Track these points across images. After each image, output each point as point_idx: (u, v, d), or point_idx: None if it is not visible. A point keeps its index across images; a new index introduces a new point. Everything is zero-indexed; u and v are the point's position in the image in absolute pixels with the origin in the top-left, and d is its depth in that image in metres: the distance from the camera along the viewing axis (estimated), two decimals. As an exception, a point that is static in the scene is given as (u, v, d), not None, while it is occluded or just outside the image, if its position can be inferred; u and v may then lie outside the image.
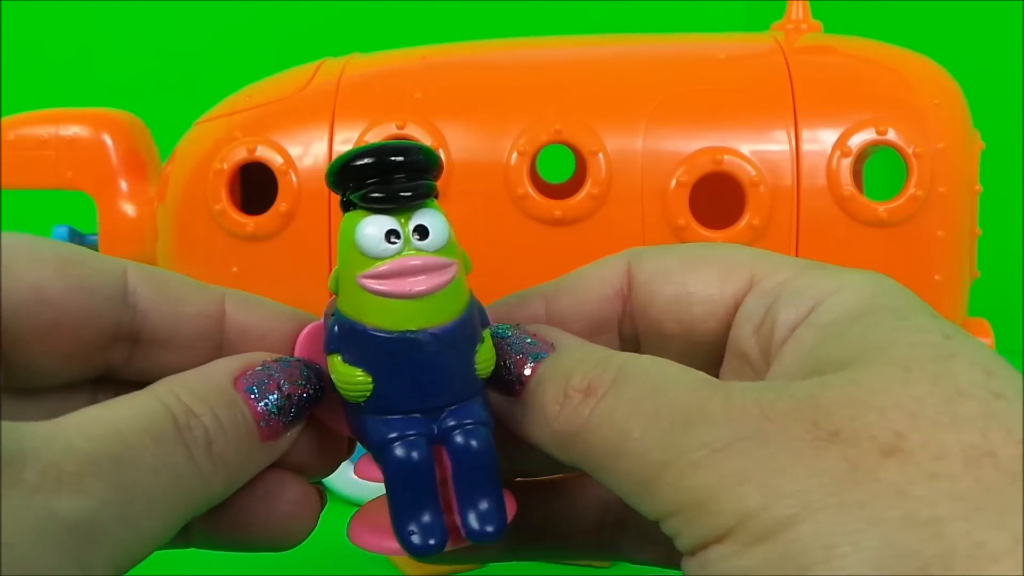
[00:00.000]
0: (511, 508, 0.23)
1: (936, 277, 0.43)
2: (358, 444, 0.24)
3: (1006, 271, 0.77)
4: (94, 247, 0.50)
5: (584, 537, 0.27)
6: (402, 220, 0.21)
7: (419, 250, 0.21)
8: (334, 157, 0.43)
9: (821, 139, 0.42)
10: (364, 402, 0.22)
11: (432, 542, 0.22)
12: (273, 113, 0.45)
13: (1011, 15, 0.75)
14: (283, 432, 0.22)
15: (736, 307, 0.24)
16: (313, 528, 0.24)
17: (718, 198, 0.44)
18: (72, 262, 0.22)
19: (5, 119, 0.49)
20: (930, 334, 0.19)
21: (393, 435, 0.21)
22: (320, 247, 0.43)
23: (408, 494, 0.22)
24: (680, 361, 0.22)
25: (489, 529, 0.22)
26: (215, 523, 0.23)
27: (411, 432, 0.21)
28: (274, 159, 0.43)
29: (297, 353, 0.24)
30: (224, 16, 0.82)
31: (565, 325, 0.25)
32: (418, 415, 0.22)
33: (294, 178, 0.43)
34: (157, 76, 0.81)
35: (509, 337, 0.23)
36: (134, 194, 0.49)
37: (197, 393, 0.20)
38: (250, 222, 0.43)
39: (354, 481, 0.44)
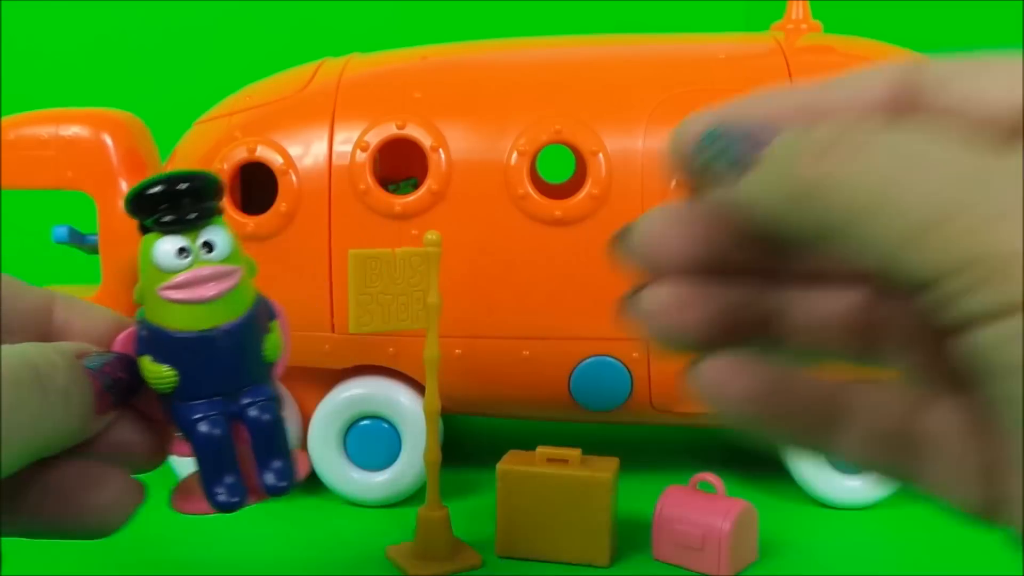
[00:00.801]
0: (304, 465, 0.27)
1: (936, 277, 0.43)
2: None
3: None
4: (94, 247, 0.50)
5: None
6: (191, 238, 0.25)
7: (207, 262, 0.25)
8: (334, 157, 0.44)
9: (821, 139, 0.42)
10: (172, 392, 0.26)
11: (236, 499, 0.26)
12: (273, 113, 0.45)
13: (1011, 15, 0.75)
14: (111, 409, 0.25)
15: None
16: (128, 520, 0.26)
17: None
18: None
19: (5, 119, 0.49)
20: None
21: (197, 416, 0.26)
22: (320, 247, 0.43)
23: (213, 463, 0.26)
24: None
25: (283, 484, 0.27)
26: (37, 507, 0.25)
27: (213, 412, 0.26)
28: (274, 159, 0.43)
29: (116, 349, 0.27)
30: (224, 16, 0.82)
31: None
32: (218, 398, 0.26)
33: (294, 178, 0.43)
34: (157, 76, 0.81)
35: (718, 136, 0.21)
36: (134, 194, 0.49)
37: (59, 352, 0.25)
38: (250, 222, 0.43)
39: (354, 481, 0.44)
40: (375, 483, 0.44)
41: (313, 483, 0.45)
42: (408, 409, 0.44)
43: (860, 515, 0.44)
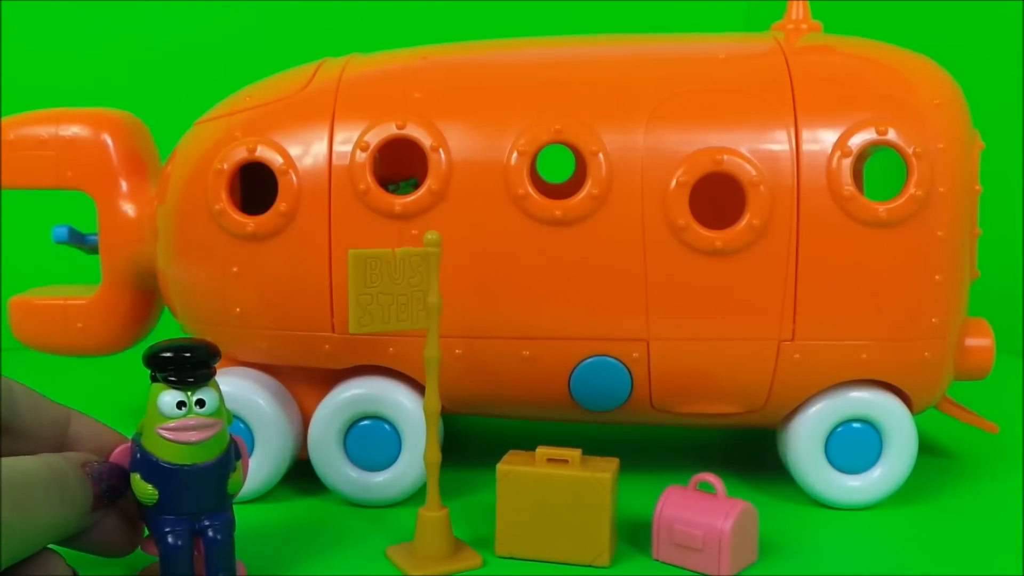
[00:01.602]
0: (242, 573, 0.36)
1: (936, 277, 0.43)
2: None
3: (1006, 271, 0.78)
4: (94, 247, 0.50)
5: None
6: (188, 394, 0.34)
7: (197, 415, 0.34)
8: (333, 158, 0.44)
9: (821, 139, 0.42)
10: (152, 506, 0.34)
11: None
12: (273, 113, 0.45)
13: (1011, 15, 0.76)
14: (103, 508, 0.34)
15: None
16: None
17: (718, 198, 0.44)
18: None
19: (5, 119, 0.49)
20: None
21: (167, 528, 0.34)
22: (320, 247, 0.43)
23: (174, 567, 0.34)
24: None
25: None
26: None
27: (179, 527, 0.34)
28: (274, 159, 0.43)
29: (112, 460, 0.35)
30: (224, 16, 0.82)
31: None
32: (186, 516, 0.34)
33: (294, 178, 0.43)
34: (157, 76, 0.81)
35: None
36: (134, 194, 0.49)
37: (69, 461, 0.33)
38: (250, 222, 0.43)
39: (354, 482, 0.44)
40: (375, 483, 0.44)
41: (313, 483, 0.45)
42: (408, 409, 0.44)
43: (860, 515, 0.44)
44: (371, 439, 0.44)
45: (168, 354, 0.34)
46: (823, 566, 0.39)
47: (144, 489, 0.34)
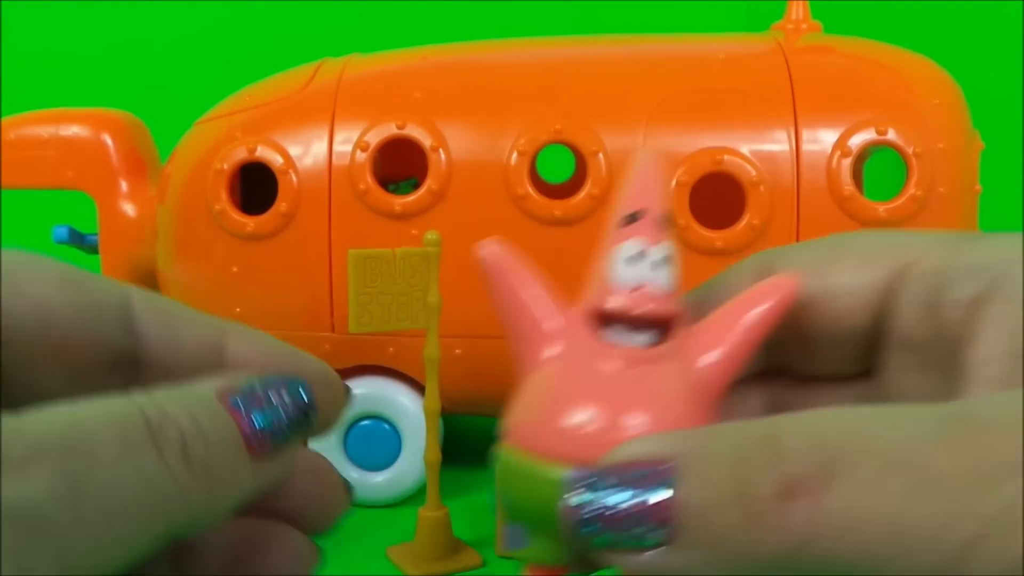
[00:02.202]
0: None
1: (936, 277, 0.43)
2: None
3: (1006, 271, 0.77)
4: (94, 247, 0.50)
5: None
6: None
7: None
8: (334, 157, 0.44)
9: (821, 139, 0.42)
10: None
11: None
12: (273, 113, 0.45)
13: (1011, 15, 0.76)
14: (274, 451, 0.20)
15: (888, 294, 0.21)
16: None
17: (718, 198, 0.44)
18: (76, 281, 0.22)
19: (5, 119, 0.49)
20: None
21: None
22: (320, 247, 0.43)
23: None
24: (828, 360, 0.20)
25: None
26: (200, 573, 0.21)
27: None
28: (274, 159, 0.43)
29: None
30: (224, 16, 0.82)
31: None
32: None
33: (294, 178, 0.43)
34: (157, 76, 0.81)
35: (603, 487, 0.17)
36: (134, 194, 0.49)
37: (175, 397, 0.19)
38: (250, 222, 0.43)
39: (354, 481, 0.44)
40: (375, 483, 0.44)
41: (313, 483, 0.45)
42: (408, 409, 0.44)
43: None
44: (371, 439, 0.44)
45: None
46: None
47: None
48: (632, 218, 0.23)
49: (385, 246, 0.39)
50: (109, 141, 0.49)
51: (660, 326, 0.21)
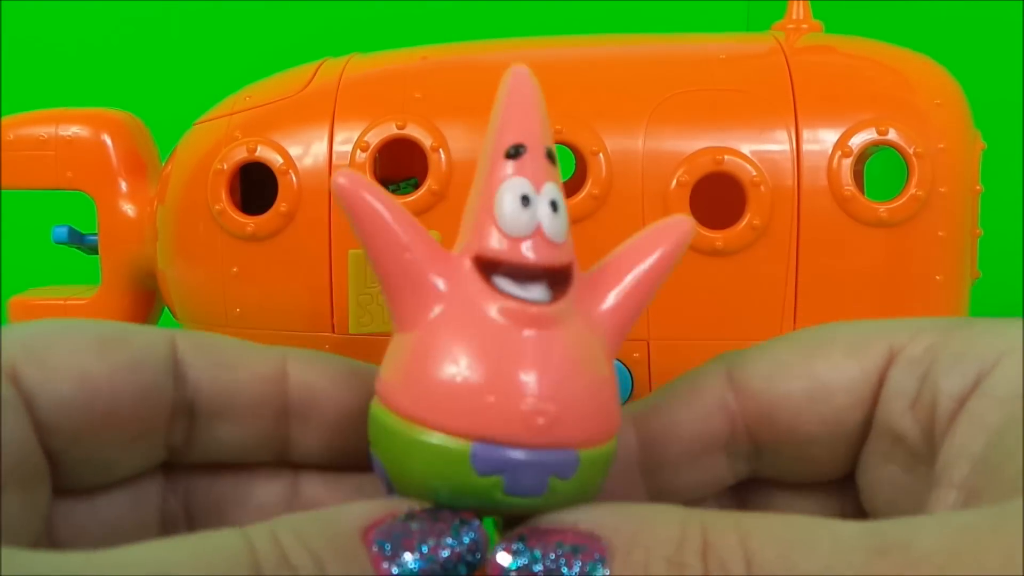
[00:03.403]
0: None
1: (937, 277, 0.43)
2: None
3: (1006, 271, 0.77)
4: (94, 247, 0.50)
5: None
6: None
7: None
8: (334, 157, 0.44)
9: (822, 139, 0.42)
10: None
11: None
12: (273, 113, 0.45)
13: (1011, 15, 0.75)
14: None
15: (880, 384, 0.21)
16: None
17: (718, 198, 0.44)
18: (114, 341, 0.20)
19: (5, 119, 0.49)
20: None
21: None
22: (320, 247, 0.43)
23: None
24: (819, 459, 0.20)
25: None
26: None
27: None
28: (274, 159, 0.43)
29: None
30: (224, 16, 0.82)
31: (661, 450, 0.22)
32: None
33: (294, 178, 0.43)
34: (157, 76, 0.81)
35: (531, 556, 0.16)
36: (134, 194, 0.49)
37: (303, 537, 0.15)
38: (250, 222, 0.43)
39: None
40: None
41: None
42: (408, 409, 0.44)
43: (861, 515, 0.44)
44: (371, 439, 0.44)
45: None
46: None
47: None
48: (516, 152, 0.21)
49: (385, 246, 0.39)
50: (109, 141, 0.49)
51: (555, 277, 0.20)
